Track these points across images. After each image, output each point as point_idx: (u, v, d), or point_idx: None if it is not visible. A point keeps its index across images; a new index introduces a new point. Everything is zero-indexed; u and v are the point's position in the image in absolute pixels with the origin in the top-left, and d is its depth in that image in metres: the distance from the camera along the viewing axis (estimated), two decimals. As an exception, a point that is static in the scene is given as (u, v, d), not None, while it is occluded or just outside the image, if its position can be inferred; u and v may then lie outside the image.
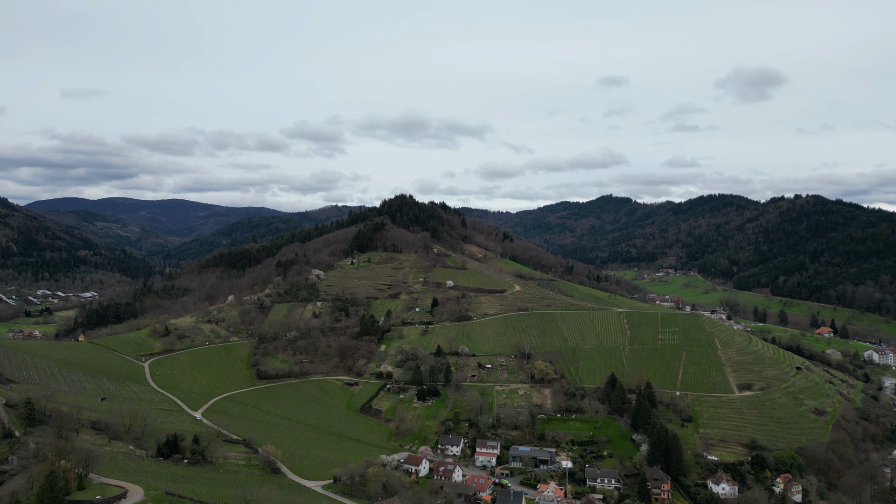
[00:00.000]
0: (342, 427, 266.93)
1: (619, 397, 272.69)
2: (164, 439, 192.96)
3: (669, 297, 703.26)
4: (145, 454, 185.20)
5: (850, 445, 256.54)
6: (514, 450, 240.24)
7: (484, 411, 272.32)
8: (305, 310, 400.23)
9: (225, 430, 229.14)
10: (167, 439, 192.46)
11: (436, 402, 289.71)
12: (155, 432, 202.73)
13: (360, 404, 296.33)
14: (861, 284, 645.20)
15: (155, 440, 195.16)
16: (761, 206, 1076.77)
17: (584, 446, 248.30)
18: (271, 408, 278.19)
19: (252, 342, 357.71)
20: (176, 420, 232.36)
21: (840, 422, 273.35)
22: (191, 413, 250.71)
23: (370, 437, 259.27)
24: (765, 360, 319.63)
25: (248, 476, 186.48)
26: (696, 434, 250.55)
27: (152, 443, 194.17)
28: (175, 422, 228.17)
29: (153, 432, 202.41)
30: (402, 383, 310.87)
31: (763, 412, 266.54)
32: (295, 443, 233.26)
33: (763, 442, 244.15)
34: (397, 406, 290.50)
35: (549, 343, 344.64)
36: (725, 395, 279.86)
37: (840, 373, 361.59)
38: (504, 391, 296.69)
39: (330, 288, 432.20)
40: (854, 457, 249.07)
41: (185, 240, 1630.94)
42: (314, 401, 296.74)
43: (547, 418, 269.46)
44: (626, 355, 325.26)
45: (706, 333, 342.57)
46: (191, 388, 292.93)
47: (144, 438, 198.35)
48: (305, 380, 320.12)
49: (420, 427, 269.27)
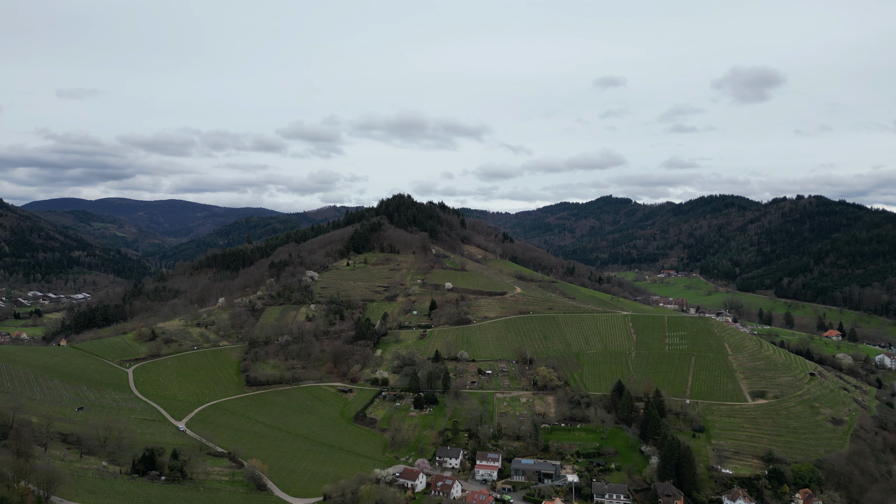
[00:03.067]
0: (335, 437, 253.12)
1: (626, 406, 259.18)
2: (140, 454, 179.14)
3: (673, 298, 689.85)
4: (119, 471, 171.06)
5: (871, 457, 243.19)
6: (517, 462, 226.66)
7: (484, 420, 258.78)
8: (299, 313, 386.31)
9: (209, 442, 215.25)
10: (144, 454, 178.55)
11: (434, 411, 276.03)
12: (133, 445, 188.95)
13: (354, 413, 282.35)
14: (868, 286, 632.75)
15: (131, 454, 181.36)
16: (763, 206, 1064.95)
17: (590, 458, 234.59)
18: (260, 417, 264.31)
19: (242, 347, 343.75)
20: (157, 431, 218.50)
21: (858, 431, 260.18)
22: (174, 423, 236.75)
23: (364, 449, 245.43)
24: (777, 365, 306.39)
25: (230, 494, 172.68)
26: (708, 445, 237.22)
27: (128, 457, 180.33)
28: (156, 433, 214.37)
29: (130, 445, 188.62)
30: (398, 390, 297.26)
31: (778, 422, 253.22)
32: (284, 455, 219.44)
33: (779, 454, 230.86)
34: (393, 415, 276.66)
35: (552, 348, 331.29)
36: (738, 403, 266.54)
37: (853, 378, 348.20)
38: (505, 399, 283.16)
39: (324, 290, 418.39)
40: (875, 470, 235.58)
41: (182, 240, 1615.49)
42: (306, 409, 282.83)
43: (550, 428, 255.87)
44: (633, 361, 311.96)
45: (715, 338, 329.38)
46: (176, 395, 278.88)
47: (120, 452, 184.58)
48: (297, 386, 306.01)
49: (417, 438, 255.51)
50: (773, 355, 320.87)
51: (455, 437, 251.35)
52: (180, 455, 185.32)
